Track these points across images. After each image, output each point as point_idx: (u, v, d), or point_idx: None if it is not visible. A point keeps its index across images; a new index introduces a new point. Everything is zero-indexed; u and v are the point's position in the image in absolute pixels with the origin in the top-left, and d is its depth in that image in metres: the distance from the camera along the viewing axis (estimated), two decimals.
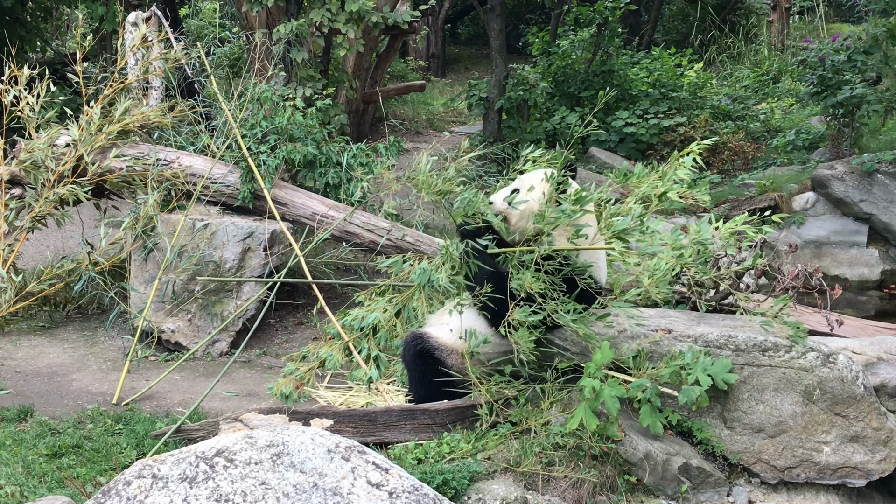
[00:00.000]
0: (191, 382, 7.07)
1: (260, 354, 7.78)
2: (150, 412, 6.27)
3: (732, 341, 4.96)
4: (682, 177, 6.48)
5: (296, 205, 8.22)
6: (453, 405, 5.16)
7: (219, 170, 8.24)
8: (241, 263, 7.85)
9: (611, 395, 4.60)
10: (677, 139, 13.45)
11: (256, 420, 5.08)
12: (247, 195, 8.11)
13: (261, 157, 8.14)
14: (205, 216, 8.01)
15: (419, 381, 5.54)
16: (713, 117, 14.53)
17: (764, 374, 4.90)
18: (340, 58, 13.22)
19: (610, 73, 14.74)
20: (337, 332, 6.17)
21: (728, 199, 11.19)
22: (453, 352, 5.45)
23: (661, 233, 6.77)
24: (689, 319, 5.41)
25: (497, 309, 5.06)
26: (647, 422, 4.75)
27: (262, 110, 8.47)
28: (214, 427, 5.22)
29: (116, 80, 8.61)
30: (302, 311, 8.64)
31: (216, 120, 8.86)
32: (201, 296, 7.77)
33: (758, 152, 13.27)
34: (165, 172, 8.09)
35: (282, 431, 3.55)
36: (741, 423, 4.91)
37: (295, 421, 5.06)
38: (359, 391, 6.39)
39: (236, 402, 6.56)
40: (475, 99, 14.25)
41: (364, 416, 5.12)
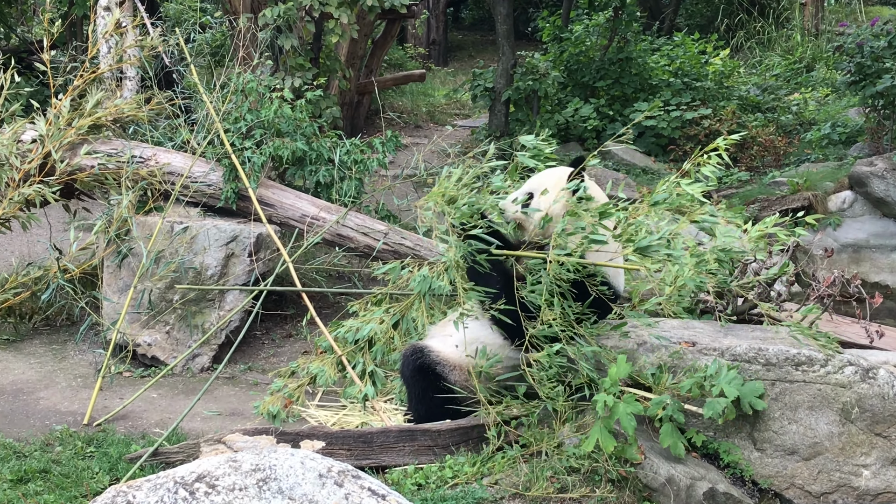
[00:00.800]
0: (169, 401, 7.07)
1: (245, 370, 7.78)
2: (125, 433, 6.27)
3: (762, 355, 4.96)
4: (707, 175, 6.48)
5: (284, 206, 8.22)
6: (457, 425, 5.16)
7: (199, 168, 8.24)
8: (223, 270, 7.86)
9: (626, 411, 4.60)
10: (701, 133, 13.46)
11: (241, 442, 5.08)
12: (230, 195, 8.11)
13: (245, 153, 8.14)
14: (184, 218, 8.02)
15: (419, 398, 5.54)
16: (741, 109, 14.54)
17: (797, 391, 4.90)
18: (332, 45, 13.23)
19: (628, 62, 14.75)
20: (329, 345, 6.18)
21: (757, 198, 11.19)
22: (457, 367, 5.45)
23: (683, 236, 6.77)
24: (714, 331, 5.41)
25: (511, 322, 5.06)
26: (669, 443, 4.75)
27: (246, 102, 8.48)
28: (195, 449, 5.22)
29: (87, 70, 8.62)
30: (291, 323, 8.64)
31: (196, 113, 8.87)
32: (180, 306, 7.77)
33: (790, 147, 13.28)
34: (141, 171, 8.10)
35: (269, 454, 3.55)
36: (772, 445, 4.90)
37: (283, 443, 5.05)
38: (353, 410, 6.39)
39: (219, 422, 6.55)
40: (480, 90, 14.27)
41: (359, 438, 5.12)
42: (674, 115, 13.90)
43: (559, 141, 13.90)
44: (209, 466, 3.49)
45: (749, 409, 4.80)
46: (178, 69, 9.52)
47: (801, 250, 6.08)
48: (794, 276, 5.96)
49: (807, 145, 13.34)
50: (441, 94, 18.68)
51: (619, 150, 13.76)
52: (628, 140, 5.80)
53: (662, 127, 13.88)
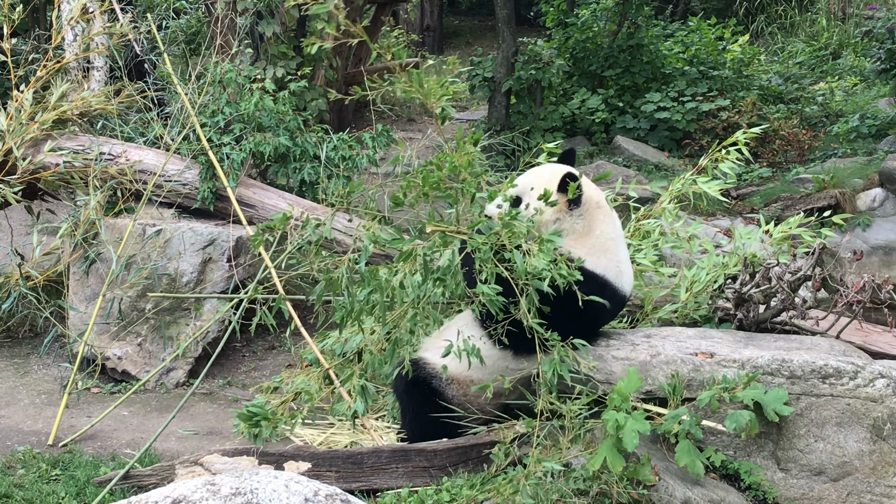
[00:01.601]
0: (141, 419, 7.06)
1: (223, 385, 7.77)
2: (93, 454, 6.26)
3: (786, 366, 4.96)
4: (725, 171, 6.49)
5: (266, 206, 8.22)
6: (454, 444, 5.15)
7: (174, 165, 8.24)
8: (200, 277, 7.85)
9: (632, 428, 4.60)
10: (719, 126, 13.47)
11: (219, 463, 5.07)
12: (207, 195, 8.11)
13: (224, 149, 8.14)
14: (157, 221, 8.01)
15: (414, 415, 5.53)
16: (762, 100, 14.56)
17: (824, 406, 4.90)
18: (318, 32, 13.24)
19: (638, 49, 14.77)
20: (315, 357, 6.17)
21: (780, 197, 11.21)
22: (454, 381, 5.45)
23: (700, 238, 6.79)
24: (734, 341, 5.41)
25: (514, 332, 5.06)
26: (686, 462, 4.75)
27: (224, 94, 8.48)
28: (169, 472, 5.22)
29: (51, 60, 8.62)
30: (273, 334, 8.63)
31: (170, 106, 8.86)
32: (153, 315, 7.76)
33: (815, 141, 13.29)
34: (110, 169, 8.09)
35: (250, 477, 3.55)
36: (797, 465, 4.90)
37: (266, 464, 5.05)
38: (342, 428, 6.39)
39: (195, 442, 6.55)
40: (478, 80, 14.27)
41: (348, 458, 5.11)
42: (689, 106, 13.91)
43: (564, 135, 13.92)
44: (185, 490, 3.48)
45: (774, 416, 4.80)
46: (151, 59, 9.53)
47: (827, 253, 6.08)
48: (821, 281, 5.96)
49: (833, 139, 13.35)
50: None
51: (630, 145, 13.78)
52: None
53: (677, 119, 13.89)
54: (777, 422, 4.86)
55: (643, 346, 5.29)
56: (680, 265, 6.73)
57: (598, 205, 5.39)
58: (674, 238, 6.65)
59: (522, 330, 5.02)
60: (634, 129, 14.23)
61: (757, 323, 6.01)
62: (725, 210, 11.27)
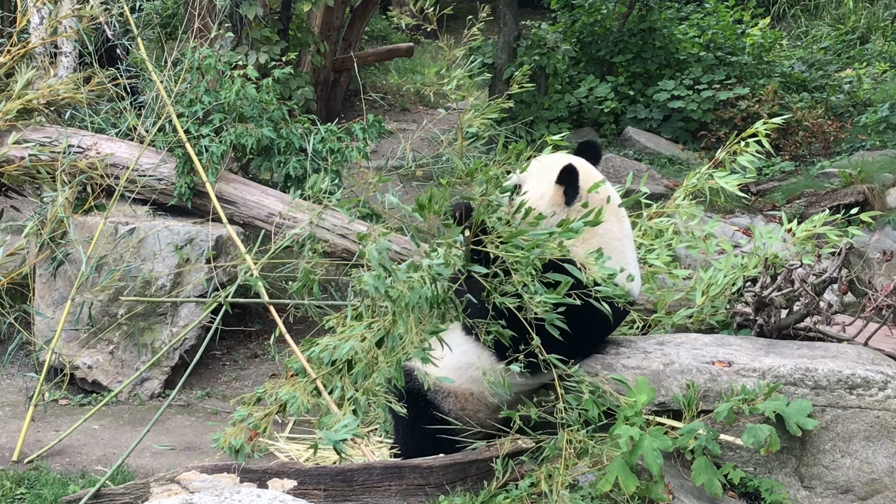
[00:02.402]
0: (113, 433, 7.05)
1: (202, 396, 7.77)
2: (61, 471, 6.25)
3: (811, 376, 4.96)
4: (744, 165, 6.49)
5: (248, 203, 8.21)
6: (452, 461, 5.15)
7: (148, 158, 8.23)
8: (177, 279, 7.85)
9: (652, 447, 4.60)
10: (738, 116, 13.49)
11: (198, 481, 5.07)
12: (184, 191, 8.10)
13: (202, 141, 8.13)
14: (130, 219, 8.01)
15: (408, 429, 5.53)
16: (784, 88, 14.57)
17: (851, 418, 4.90)
18: (304, 14, 13.24)
19: (651, 33, 14.78)
20: (301, 366, 6.16)
21: (803, 192, 11.21)
22: (451, 393, 5.45)
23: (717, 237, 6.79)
24: (754, 348, 5.41)
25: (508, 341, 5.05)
26: (702, 479, 4.75)
27: (203, 82, 8.47)
28: (144, 490, 5.21)
29: (16, 45, 8.61)
30: (256, 341, 8.63)
31: (145, 95, 8.86)
32: (126, 321, 7.76)
33: (841, 133, 13.30)
34: (80, 162, 8.08)
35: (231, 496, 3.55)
36: (822, 482, 4.90)
37: (248, 482, 5.04)
38: None
39: (172, 458, 6.54)
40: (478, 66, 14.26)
41: (337, 476, 5.11)
42: (705, 95, 13.92)
43: (570, 126, 13.92)
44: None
45: (797, 429, 4.80)
46: (123, 43, 9.51)
47: (855, 253, 6.09)
48: (848, 284, 5.96)
49: (861, 130, 13.36)
50: (432, 71, 18.67)
51: (642, 136, 13.79)
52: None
53: (692, 109, 13.90)
54: (800, 436, 4.86)
55: (656, 354, 5.29)
56: (695, 266, 6.73)
57: (601, 201, 5.37)
58: (689, 237, 6.65)
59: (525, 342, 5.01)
60: (646, 119, 14.24)
61: (778, 329, 6.01)
62: (744, 207, 11.27)
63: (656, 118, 14.21)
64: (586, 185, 5.33)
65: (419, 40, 20.83)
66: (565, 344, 4.97)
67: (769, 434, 4.74)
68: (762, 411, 4.82)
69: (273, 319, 7.04)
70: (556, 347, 4.96)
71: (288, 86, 11.16)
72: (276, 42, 11.07)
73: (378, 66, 17.62)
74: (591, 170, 5.47)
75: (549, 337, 4.92)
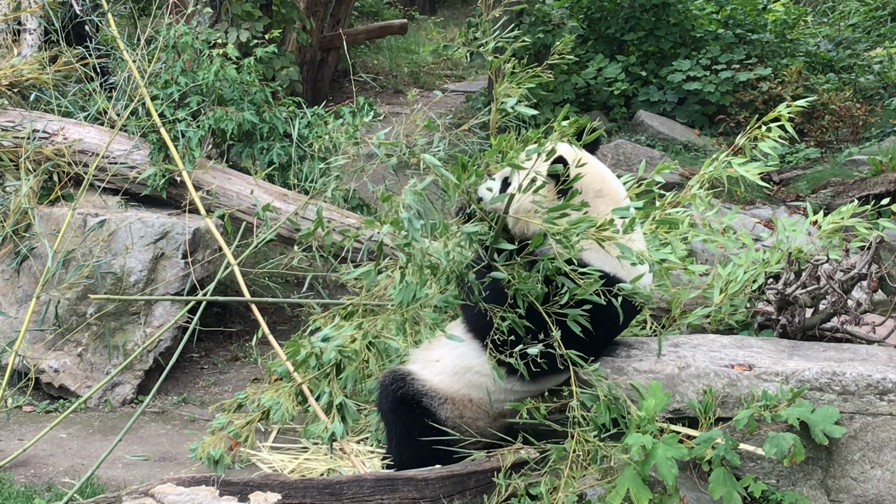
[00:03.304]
0: (82, 442, 7.05)
1: (178, 402, 7.77)
2: (26, 484, 6.25)
3: (838, 380, 4.96)
4: (766, 152, 6.49)
5: (228, 193, 8.21)
6: (449, 472, 5.16)
7: (120, 145, 8.22)
8: (151, 276, 7.84)
9: (666, 456, 4.60)
10: (759, 99, 13.48)
11: (174, 494, 5.07)
12: (159, 180, 8.10)
13: (178, 126, 8.12)
14: (101, 210, 8.00)
15: (401, 438, 5.53)
16: (809, 69, 14.57)
17: (882, 426, 4.90)
18: None
19: (664, 8, 14.77)
20: (286, 370, 6.16)
21: (830, 182, 11.21)
22: (448, 399, 5.45)
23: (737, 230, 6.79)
24: (777, 350, 5.41)
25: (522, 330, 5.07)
26: (721, 493, 4.75)
27: (179, 62, 8.46)
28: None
29: None
30: (237, 342, 8.63)
31: (116, 76, 8.84)
32: (96, 321, 7.75)
33: (871, 117, 13.30)
34: (45, 149, 8.08)
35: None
36: (851, 495, 4.91)
37: (228, 495, 5.05)
38: (317, 453, 6.39)
39: (146, 470, 6.54)
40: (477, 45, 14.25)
41: (325, 489, 5.11)
42: (723, 76, 13.92)
43: (577, 109, 13.91)
44: None
45: (823, 438, 4.80)
46: (92, 20, 9.50)
47: (886, 247, 6.09)
48: (878, 281, 5.96)
49: (892, 114, 13.35)
50: (427, 50, 18.66)
51: (655, 121, 13.78)
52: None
53: (709, 91, 13.90)
54: (827, 445, 4.87)
55: (670, 357, 5.29)
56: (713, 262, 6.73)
57: (598, 193, 5.34)
58: (706, 230, 6.65)
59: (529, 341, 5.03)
60: (660, 102, 14.23)
61: (803, 329, 6.01)
62: (766, 197, 11.28)
63: (670, 101, 14.21)
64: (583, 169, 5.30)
65: (413, 16, 20.85)
66: (577, 344, 4.98)
67: (793, 443, 4.74)
68: (785, 419, 4.82)
69: (255, 319, 7.03)
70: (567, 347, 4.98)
71: (271, 66, 11.15)
72: (258, 18, 11.06)
73: (369, 44, 17.61)
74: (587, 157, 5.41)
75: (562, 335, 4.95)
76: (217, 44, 8.80)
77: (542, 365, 5.02)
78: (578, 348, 5.06)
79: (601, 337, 5.25)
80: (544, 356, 5.01)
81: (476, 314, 5.21)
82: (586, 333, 5.01)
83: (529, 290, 5.04)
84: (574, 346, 5.02)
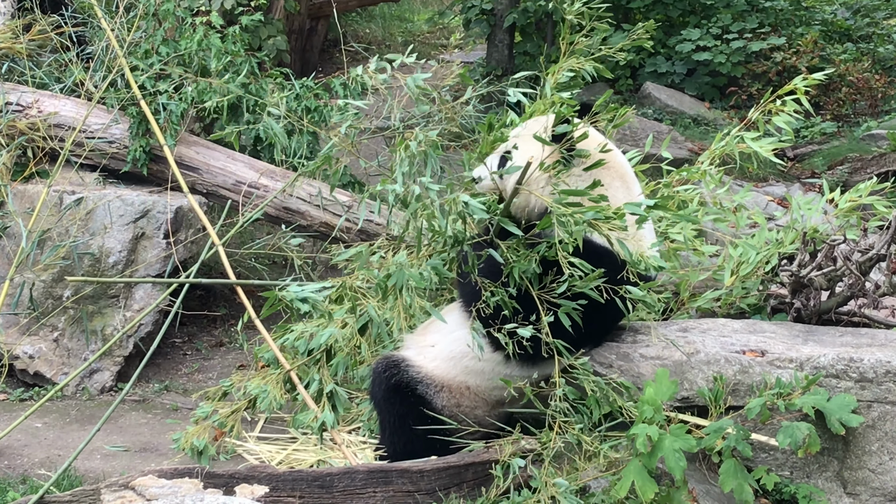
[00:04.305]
0: (59, 432, 7.06)
1: (160, 390, 7.77)
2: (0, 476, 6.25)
3: (855, 367, 4.96)
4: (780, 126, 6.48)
5: (212, 170, 8.19)
6: (445, 464, 5.16)
7: (97, 118, 8.20)
8: (131, 257, 7.83)
9: (674, 447, 4.60)
10: (772, 70, 13.46)
11: (155, 487, 5.07)
12: (139, 155, 8.08)
13: (159, 99, 8.10)
14: (78, 187, 7.99)
15: (395, 428, 5.53)
16: (825, 38, 14.53)
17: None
18: None
19: None
20: (273, 356, 6.16)
21: (847, 157, 11.20)
22: (444, 387, 5.45)
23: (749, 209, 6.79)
24: (791, 335, 5.41)
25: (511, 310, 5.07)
26: (732, 485, 4.75)
27: (160, 30, 8.43)
28: (94, 497, 5.21)
29: None
30: (222, 327, 8.63)
31: (93, 45, 8.82)
32: (73, 305, 7.75)
33: (891, 89, 13.28)
34: (18, 122, 8.06)
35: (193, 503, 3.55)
36: (869, 488, 4.91)
37: (213, 488, 5.05)
38: (307, 443, 6.39)
39: (126, 461, 6.55)
40: (475, 13, 14.22)
41: (314, 481, 5.11)
42: (735, 46, 13.89)
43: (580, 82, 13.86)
44: None
45: (839, 427, 4.80)
46: None
47: None
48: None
49: None
50: (422, 18, 18.62)
51: (663, 93, 13.75)
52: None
53: (720, 62, 13.86)
54: (843, 435, 4.87)
55: (678, 343, 5.29)
56: (724, 242, 6.73)
57: (606, 166, 5.34)
58: (716, 209, 6.64)
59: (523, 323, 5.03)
60: (668, 73, 14.20)
61: (818, 313, 6.01)
62: (780, 174, 11.27)
63: (679, 72, 14.17)
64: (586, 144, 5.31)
65: None
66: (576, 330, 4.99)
67: (808, 433, 4.74)
68: (800, 407, 4.82)
69: (241, 303, 7.02)
70: (564, 332, 4.98)
71: (257, 35, 11.12)
72: None
73: (361, 11, 17.55)
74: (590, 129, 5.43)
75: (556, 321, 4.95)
76: (200, 11, 8.77)
77: (538, 350, 5.03)
78: (585, 332, 5.06)
79: (608, 320, 5.25)
80: (539, 341, 5.02)
81: (470, 290, 5.21)
82: (591, 317, 5.01)
83: (524, 270, 5.04)
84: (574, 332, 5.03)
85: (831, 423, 4.81)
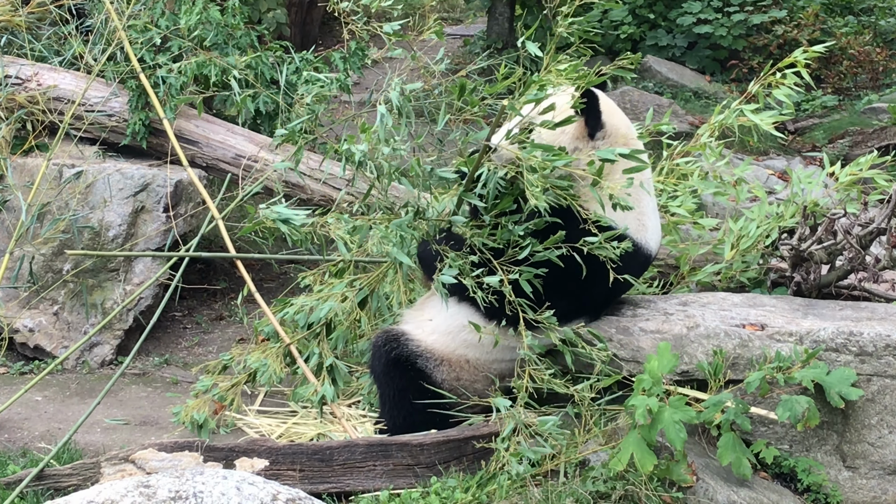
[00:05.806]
0: (59, 405, 7.06)
1: (160, 364, 7.77)
2: (0, 449, 6.26)
3: (854, 340, 4.96)
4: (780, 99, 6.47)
5: (212, 143, 8.18)
6: (445, 437, 5.16)
7: (97, 91, 8.19)
8: (131, 230, 7.83)
9: (674, 419, 4.60)
10: (773, 44, 13.42)
11: (155, 460, 5.07)
12: (139, 129, 8.07)
13: (159, 72, 8.08)
14: (77, 160, 7.97)
15: (395, 402, 5.54)
16: (826, 11, 14.48)
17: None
18: None
19: None
20: (273, 330, 6.16)
21: (848, 131, 11.18)
22: (444, 360, 5.45)
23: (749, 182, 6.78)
24: (791, 309, 5.41)
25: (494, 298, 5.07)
26: (730, 459, 4.76)
27: (160, 3, 8.40)
28: (94, 471, 5.22)
29: None
30: (222, 301, 8.63)
31: (92, 18, 8.79)
32: (73, 278, 7.75)
33: (892, 62, 13.25)
34: (18, 96, 8.04)
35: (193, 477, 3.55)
36: (868, 461, 4.92)
37: (212, 461, 5.05)
38: (306, 417, 6.40)
39: (126, 434, 6.55)
40: None
41: (314, 454, 5.12)
42: (736, 18, 13.85)
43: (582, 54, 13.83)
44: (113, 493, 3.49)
45: (839, 401, 4.80)
46: None
47: None
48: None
49: None
50: None
51: (663, 67, 13.72)
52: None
53: (720, 35, 13.83)
54: (843, 409, 4.87)
55: (678, 317, 5.29)
56: (724, 216, 6.73)
57: (625, 138, 5.36)
58: (716, 182, 6.64)
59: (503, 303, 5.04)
60: (668, 47, 14.17)
61: (818, 287, 6.01)
62: (780, 147, 11.25)
63: (680, 45, 14.14)
64: (608, 115, 5.33)
65: None
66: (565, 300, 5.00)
67: (807, 407, 4.74)
68: (799, 381, 4.82)
69: (241, 277, 7.02)
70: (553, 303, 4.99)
71: (257, 8, 11.10)
72: None
73: None
74: (608, 99, 5.47)
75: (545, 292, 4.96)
76: None
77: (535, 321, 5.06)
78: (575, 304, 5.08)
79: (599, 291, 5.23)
80: (534, 311, 5.04)
81: (428, 252, 5.27)
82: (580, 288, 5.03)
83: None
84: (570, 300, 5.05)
85: (831, 397, 4.81)
